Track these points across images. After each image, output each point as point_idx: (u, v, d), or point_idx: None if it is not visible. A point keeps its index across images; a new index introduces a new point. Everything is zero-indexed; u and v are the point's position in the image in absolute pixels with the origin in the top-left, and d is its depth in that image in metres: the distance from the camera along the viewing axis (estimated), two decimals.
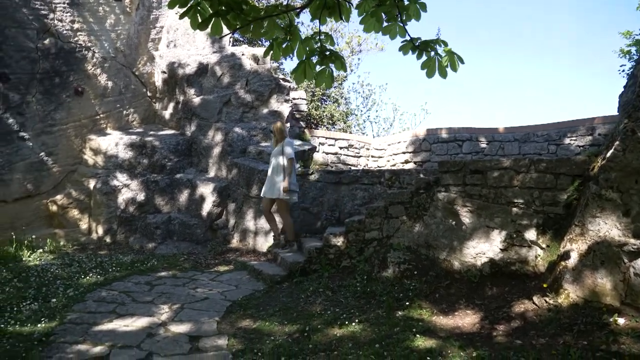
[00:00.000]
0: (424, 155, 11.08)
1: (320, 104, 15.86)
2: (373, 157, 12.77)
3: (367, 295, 5.15)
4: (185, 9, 2.74)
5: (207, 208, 8.54)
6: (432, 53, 3.10)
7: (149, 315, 4.74)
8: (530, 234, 4.84)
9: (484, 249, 5.08)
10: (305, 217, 7.70)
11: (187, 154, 9.62)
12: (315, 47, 3.03)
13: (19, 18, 8.26)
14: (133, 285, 5.81)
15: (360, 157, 12.56)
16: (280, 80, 10.20)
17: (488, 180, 5.15)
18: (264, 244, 7.73)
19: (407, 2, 3.08)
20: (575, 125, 9.34)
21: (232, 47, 10.58)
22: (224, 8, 2.68)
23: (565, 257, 4.20)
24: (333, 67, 3.03)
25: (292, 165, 6.92)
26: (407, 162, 11.49)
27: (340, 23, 16.58)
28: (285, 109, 9.91)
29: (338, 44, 16.91)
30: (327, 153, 11.89)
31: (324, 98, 16.28)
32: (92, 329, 4.30)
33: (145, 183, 8.78)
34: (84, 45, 9.10)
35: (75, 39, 8.97)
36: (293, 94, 11.10)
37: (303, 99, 11.87)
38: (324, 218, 7.66)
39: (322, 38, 3.05)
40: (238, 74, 9.84)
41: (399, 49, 3.18)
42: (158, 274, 6.40)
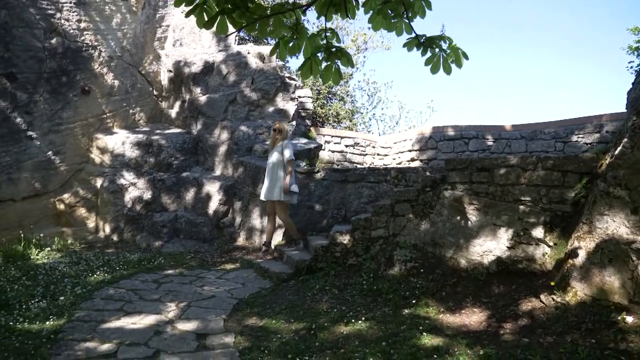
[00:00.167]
0: (430, 153, 11.04)
1: (326, 102, 15.83)
2: (379, 155, 12.75)
3: (373, 293, 5.14)
4: (191, 8, 2.74)
5: (213, 206, 8.57)
6: (436, 49, 3.10)
7: (156, 313, 4.76)
8: (538, 232, 4.81)
9: (491, 247, 5.06)
10: (312, 215, 7.70)
11: (193, 153, 9.64)
12: (322, 43, 3.02)
13: (26, 18, 8.31)
14: (140, 283, 5.84)
15: (366, 155, 12.54)
16: (286, 79, 10.20)
17: (495, 178, 5.13)
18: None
19: None
20: (583, 123, 9.27)
21: (237, 45, 10.59)
22: (230, 6, 2.68)
23: (573, 255, 4.17)
24: (339, 63, 3.03)
25: (292, 167, 6.95)
26: (413, 160, 11.45)
27: (346, 21, 16.53)
28: (291, 108, 9.91)
29: (344, 42, 16.87)
30: (333, 151, 11.88)
31: (330, 96, 16.25)
32: (100, 327, 4.33)
33: (152, 181, 8.82)
34: (91, 45, 9.14)
35: (82, 38, 9.02)
36: (299, 92, 11.09)
37: (309, 97, 11.85)
38: (330, 216, 7.66)
39: (328, 35, 3.04)
40: (244, 73, 9.85)
41: (404, 45, 3.17)
42: (165, 272, 6.43)
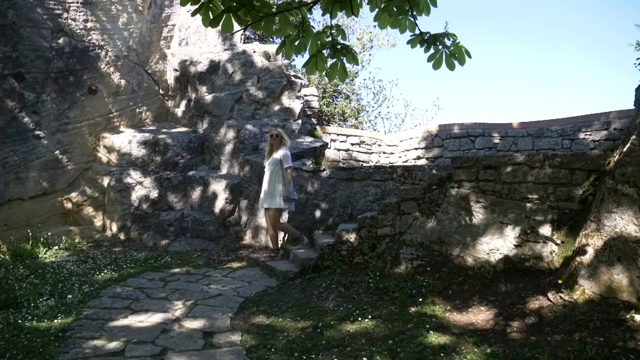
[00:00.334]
0: (436, 151, 11.02)
1: (332, 101, 15.83)
2: (385, 153, 12.73)
3: (379, 292, 5.14)
4: (197, 6, 2.74)
5: (219, 205, 8.59)
6: (439, 46, 3.09)
7: (163, 311, 4.78)
8: (545, 230, 4.79)
9: (498, 245, 5.04)
10: (317, 213, 7.70)
11: (199, 152, 9.67)
12: (327, 41, 3.02)
13: (34, 18, 8.35)
14: (147, 282, 5.87)
15: (372, 153, 12.52)
16: (292, 77, 10.21)
17: (501, 176, 5.11)
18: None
19: None
20: (590, 120, 9.21)
21: (243, 44, 10.60)
22: (235, 4, 2.68)
23: (581, 253, 4.15)
24: (345, 60, 3.02)
25: (291, 175, 6.99)
26: (419, 158, 11.43)
27: (352, 19, 16.52)
28: (297, 106, 9.91)
29: (349, 40, 16.86)
30: (338, 149, 11.88)
31: (336, 95, 16.25)
32: (107, 325, 4.35)
33: (159, 180, 8.85)
34: (97, 44, 9.18)
35: (89, 38, 9.06)
36: (304, 91, 11.10)
37: (314, 96, 11.86)
38: (336, 214, 7.66)
39: (333, 32, 3.04)
40: (249, 71, 9.86)
41: (408, 42, 3.17)
42: (172, 271, 6.45)
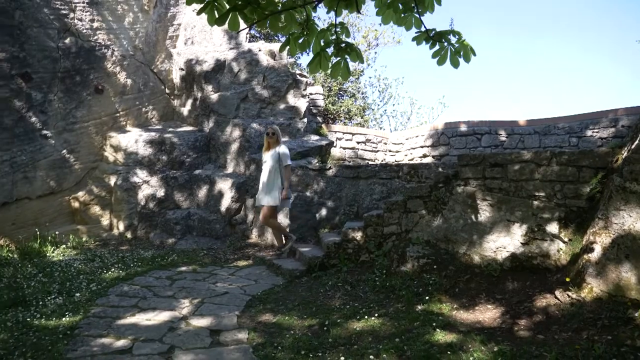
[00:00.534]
0: (443, 149, 10.98)
1: (337, 99, 15.82)
2: (390, 151, 12.71)
3: (386, 290, 5.13)
4: (203, 5, 2.75)
5: (225, 204, 8.61)
6: (445, 43, 3.10)
7: (170, 310, 4.80)
8: (552, 228, 4.77)
9: (505, 243, 5.02)
10: (323, 212, 7.71)
11: (205, 150, 9.69)
12: (331, 39, 3.01)
13: (41, 18, 8.40)
14: (154, 280, 5.89)
15: (378, 151, 12.50)
16: (297, 76, 10.20)
17: (508, 174, 5.09)
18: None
19: None
20: (598, 117, 9.15)
21: (248, 43, 10.61)
22: (241, 2, 2.68)
23: (588, 250, 4.12)
24: (349, 58, 3.02)
25: (289, 173, 7.02)
26: (425, 156, 11.40)
27: (357, 17, 16.49)
28: (303, 105, 9.91)
29: (354, 38, 16.83)
30: (344, 148, 11.87)
31: (341, 93, 16.23)
32: (115, 323, 4.38)
33: (165, 179, 8.88)
34: (104, 44, 9.22)
35: (95, 38, 9.10)
36: (310, 89, 11.09)
37: (320, 94, 11.85)
38: (342, 213, 7.66)
39: (338, 30, 3.03)
40: (255, 70, 9.87)
41: (413, 39, 3.17)
42: (178, 269, 6.48)
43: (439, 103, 22.66)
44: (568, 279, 4.24)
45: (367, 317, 4.43)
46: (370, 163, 11.07)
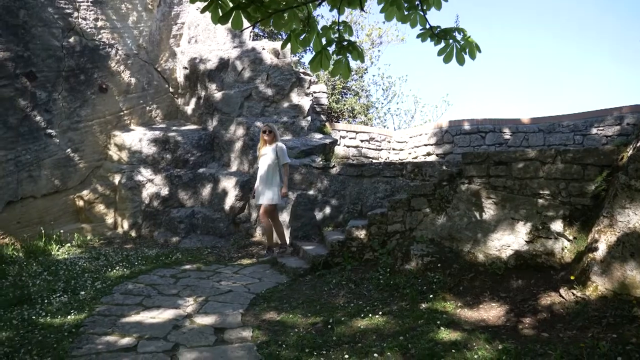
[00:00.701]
0: (447, 147, 10.96)
1: (341, 97, 15.81)
2: (394, 149, 12.69)
3: (390, 288, 5.13)
4: (207, 4, 2.75)
5: (229, 202, 8.62)
6: (450, 40, 3.08)
7: (175, 308, 4.81)
8: (557, 226, 4.75)
9: (509, 241, 5.01)
10: (327, 210, 7.70)
11: (209, 149, 9.71)
12: (333, 37, 3.01)
13: (45, 17, 8.43)
14: (158, 278, 5.91)
15: (382, 150, 12.49)
16: (301, 74, 10.20)
17: (513, 172, 5.07)
18: (286, 238, 7.75)
19: None
20: (603, 115, 9.11)
21: (252, 41, 10.62)
22: (245, 1, 2.68)
23: (593, 249, 4.11)
24: (350, 57, 3.01)
25: (287, 171, 7.01)
26: (429, 154, 11.39)
27: (361, 15, 16.47)
28: (306, 103, 9.91)
29: (358, 37, 16.81)
30: (348, 146, 11.86)
31: (345, 91, 16.22)
32: (120, 321, 4.39)
33: (169, 178, 8.90)
34: (108, 43, 9.24)
35: (99, 37, 9.12)
36: (314, 88, 11.08)
37: (324, 93, 11.85)
38: (346, 211, 7.66)
39: (340, 28, 3.03)
40: (259, 69, 9.87)
41: (417, 36, 3.16)
42: (182, 267, 6.49)
43: (443, 101, 22.64)
44: (573, 277, 4.22)
45: (371, 315, 4.43)
46: (374, 161, 11.07)
